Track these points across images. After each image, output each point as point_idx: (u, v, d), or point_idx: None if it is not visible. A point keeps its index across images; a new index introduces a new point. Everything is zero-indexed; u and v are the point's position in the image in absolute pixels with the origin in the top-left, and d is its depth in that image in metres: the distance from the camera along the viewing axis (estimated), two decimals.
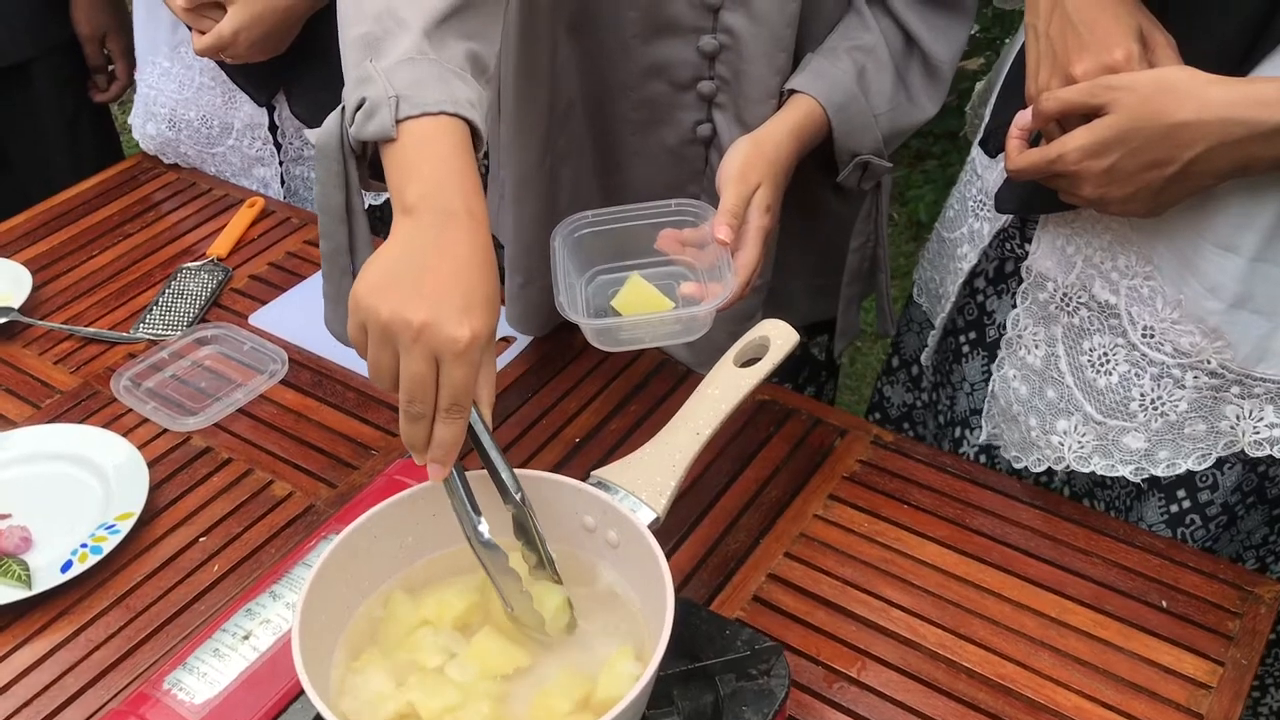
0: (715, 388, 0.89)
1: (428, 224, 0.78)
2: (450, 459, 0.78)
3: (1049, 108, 0.94)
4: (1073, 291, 1.06)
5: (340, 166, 0.85)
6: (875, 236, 1.25)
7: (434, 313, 0.74)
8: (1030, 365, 1.12)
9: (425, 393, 0.76)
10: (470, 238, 0.78)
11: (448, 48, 0.84)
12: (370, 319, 0.76)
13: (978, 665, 0.94)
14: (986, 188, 1.16)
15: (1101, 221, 1.02)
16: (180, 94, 1.56)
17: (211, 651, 0.85)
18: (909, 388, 1.38)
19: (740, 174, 1.02)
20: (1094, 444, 1.08)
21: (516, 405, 1.20)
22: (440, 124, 0.81)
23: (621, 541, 0.81)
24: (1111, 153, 0.90)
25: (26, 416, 1.21)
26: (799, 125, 1.07)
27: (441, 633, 0.79)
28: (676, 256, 1.05)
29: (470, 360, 0.75)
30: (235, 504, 1.11)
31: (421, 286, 0.75)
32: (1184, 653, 0.94)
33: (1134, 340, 1.03)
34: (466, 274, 0.77)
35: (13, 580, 1.01)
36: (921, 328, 1.34)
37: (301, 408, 1.21)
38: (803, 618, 0.98)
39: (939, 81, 1.15)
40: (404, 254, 0.78)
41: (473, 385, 0.77)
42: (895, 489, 1.09)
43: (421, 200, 0.79)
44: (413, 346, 0.74)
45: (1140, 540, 1.04)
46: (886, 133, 1.12)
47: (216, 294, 1.37)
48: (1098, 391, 1.07)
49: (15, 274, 1.37)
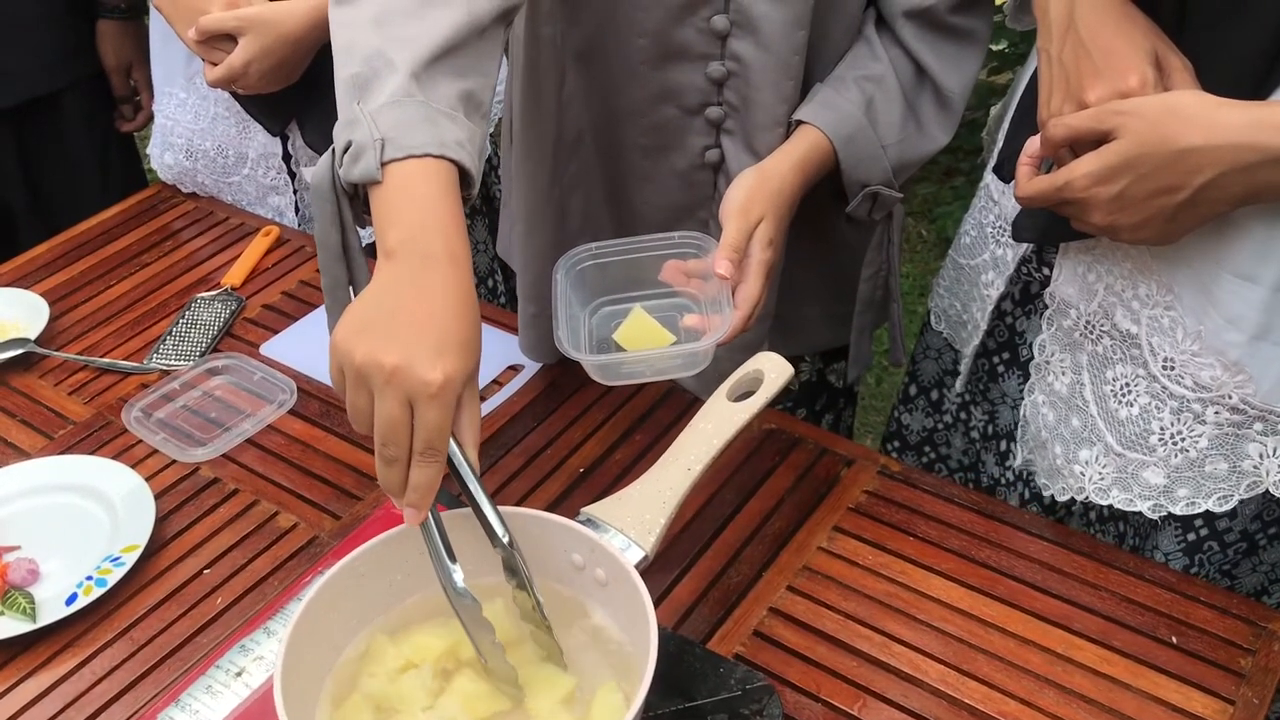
0: (708, 422, 0.88)
1: (406, 268, 0.78)
2: (425, 503, 0.78)
3: (1057, 134, 0.92)
4: (1095, 319, 1.05)
5: (334, 206, 0.86)
6: (887, 265, 1.24)
7: (406, 355, 0.74)
8: (1057, 392, 1.10)
9: (399, 436, 0.75)
10: (449, 281, 0.78)
11: (438, 88, 0.84)
12: (346, 362, 0.76)
13: (980, 703, 0.92)
14: (1005, 214, 1.14)
15: (1122, 249, 1.01)
16: (196, 124, 1.57)
17: (204, 688, 0.85)
18: (929, 413, 1.37)
19: (743, 208, 1.02)
20: (1114, 476, 1.06)
21: (522, 435, 1.20)
22: (425, 166, 0.81)
23: (609, 580, 0.80)
24: (1120, 179, 0.88)
25: (40, 447, 1.22)
26: (804, 158, 1.07)
27: (425, 675, 0.78)
28: (680, 288, 1.06)
29: (444, 403, 0.75)
30: (241, 535, 1.11)
31: (396, 330, 0.76)
32: (1193, 690, 0.92)
33: (1154, 372, 1.01)
34: (442, 317, 0.77)
35: (18, 613, 1.02)
36: (940, 354, 1.32)
37: (309, 438, 1.22)
38: (803, 653, 0.97)
39: (950, 112, 1.14)
40: (381, 297, 0.78)
41: (447, 428, 0.76)
42: (901, 520, 1.08)
43: (401, 245, 0.79)
44: (385, 389, 0.74)
45: (1150, 574, 1.01)
46: (895, 164, 1.11)
47: (229, 324, 1.38)
48: (1119, 422, 1.05)
49: (33, 305, 1.39)
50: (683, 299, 1.06)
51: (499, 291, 1.78)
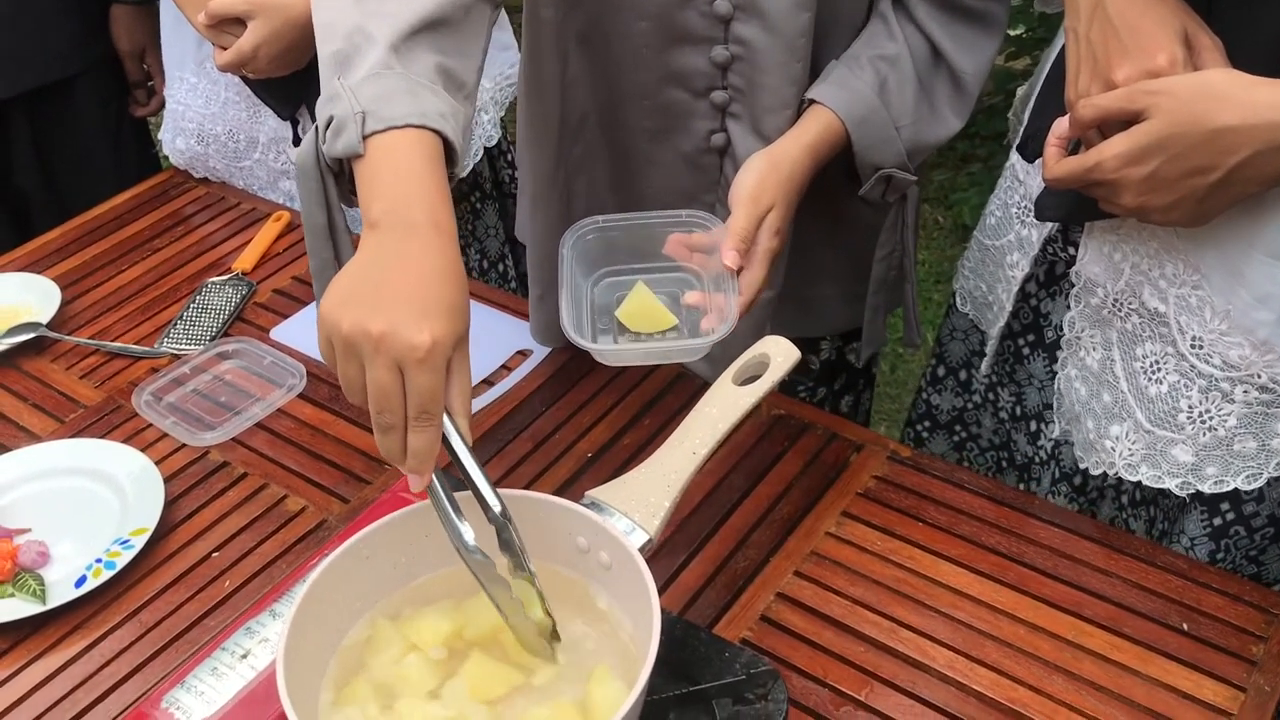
0: (713, 406, 0.88)
1: (390, 237, 0.79)
2: (427, 468, 0.78)
3: (1086, 115, 0.91)
4: (1123, 298, 1.04)
5: (319, 185, 0.86)
6: (901, 247, 1.23)
7: (392, 321, 0.74)
8: (1089, 367, 1.10)
9: (392, 402, 0.76)
10: (432, 248, 0.79)
11: (417, 60, 0.84)
12: (334, 334, 0.76)
13: (988, 689, 0.92)
14: (1030, 194, 1.13)
15: (1148, 228, 1.00)
16: (207, 109, 1.58)
17: (210, 670, 0.85)
18: (958, 393, 1.36)
19: (753, 195, 1.01)
20: (1143, 453, 1.05)
21: (530, 419, 1.20)
22: (406, 136, 0.81)
23: (614, 563, 0.80)
24: (1151, 160, 0.87)
25: (51, 431, 1.23)
26: (816, 141, 1.06)
27: (429, 658, 0.78)
28: (684, 262, 1.05)
29: (433, 366, 0.75)
30: (249, 519, 1.11)
31: (381, 298, 0.76)
32: (1204, 678, 0.91)
33: (1183, 350, 1.00)
34: (427, 283, 0.77)
35: (28, 595, 1.02)
36: (966, 335, 1.32)
37: (318, 422, 1.22)
38: (810, 638, 0.96)
39: (965, 95, 1.12)
40: (366, 268, 0.78)
41: (440, 392, 0.76)
42: (910, 506, 1.07)
43: (385, 215, 0.79)
44: (375, 357, 0.75)
45: (1161, 560, 1.01)
46: (909, 146, 1.10)
47: (240, 308, 1.38)
48: (1149, 400, 1.04)
49: (45, 289, 1.40)
50: (685, 274, 1.05)
51: (509, 276, 1.78)
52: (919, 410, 1.42)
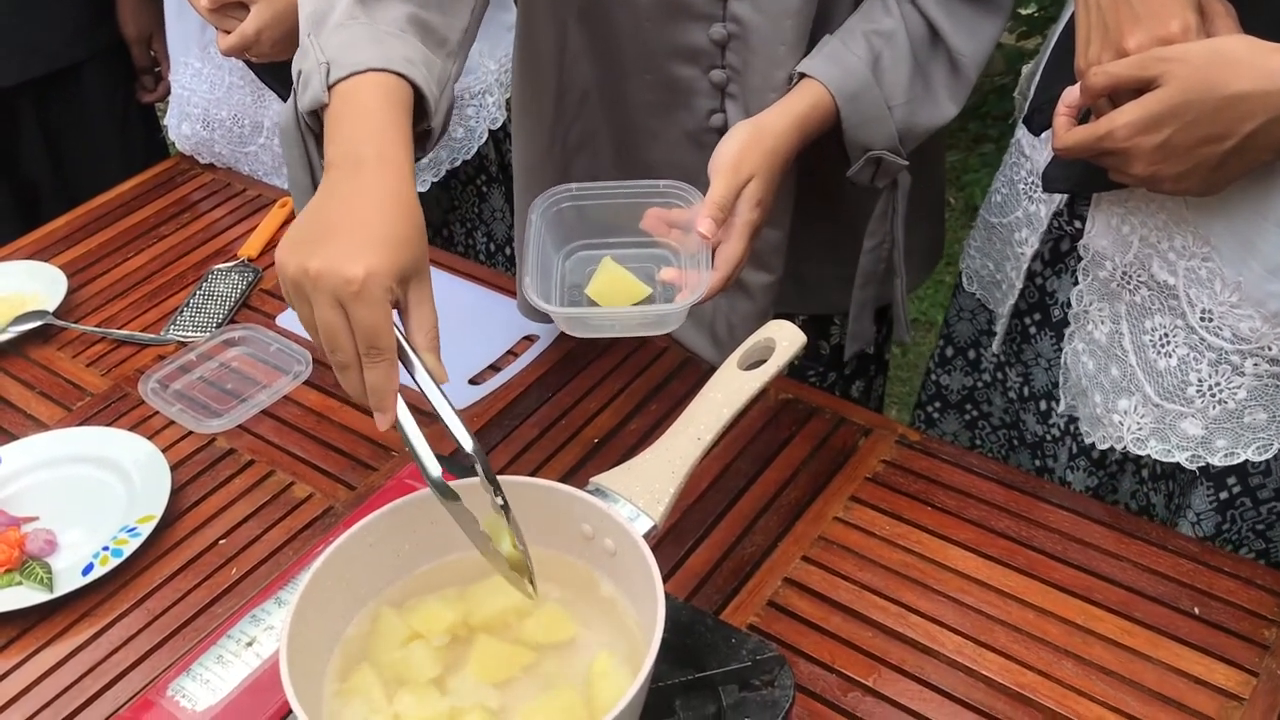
0: (718, 391, 0.87)
1: (339, 176, 0.79)
2: (386, 403, 0.78)
3: (1097, 82, 0.90)
4: (1131, 270, 1.03)
5: (300, 146, 0.87)
6: (891, 238, 1.19)
7: (327, 258, 0.75)
8: (1097, 341, 1.09)
9: (340, 339, 0.76)
10: (375, 182, 0.79)
11: (385, 11, 0.84)
12: (284, 276, 0.77)
13: (997, 674, 0.91)
14: (1037, 169, 1.12)
15: (1156, 200, 0.98)
16: (212, 94, 1.57)
17: (215, 658, 0.85)
18: (967, 372, 1.35)
19: (734, 164, 0.97)
20: (1152, 426, 1.05)
21: (536, 405, 1.19)
22: (369, 81, 0.81)
23: (618, 549, 0.79)
24: (1164, 128, 0.86)
25: (58, 419, 1.23)
26: (804, 115, 1.03)
27: (434, 646, 0.78)
28: (661, 238, 1.01)
29: (370, 298, 0.75)
30: (256, 506, 1.11)
31: (324, 237, 0.76)
32: (1215, 662, 0.91)
33: (1192, 323, 0.99)
34: (367, 216, 0.77)
35: (36, 583, 1.02)
36: (974, 314, 1.31)
37: (324, 408, 1.21)
38: (818, 624, 0.96)
39: (962, 79, 1.09)
40: (316, 211, 0.79)
41: (383, 326, 0.76)
42: (919, 490, 1.07)
43: (337, 155, 0.80)
44: (316, 295, 0.75)
45: (1172, 544, 1.00)
46: (902, 128, 1.06)
47: (246, 295, 1.38)
48: (1158, 373, 1.03)
49: (52, 277, 1.40)
50: (662, 250, 1.01)
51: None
52: (929, 391, 1.41)
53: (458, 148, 1.62)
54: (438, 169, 1.65)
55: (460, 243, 1.77)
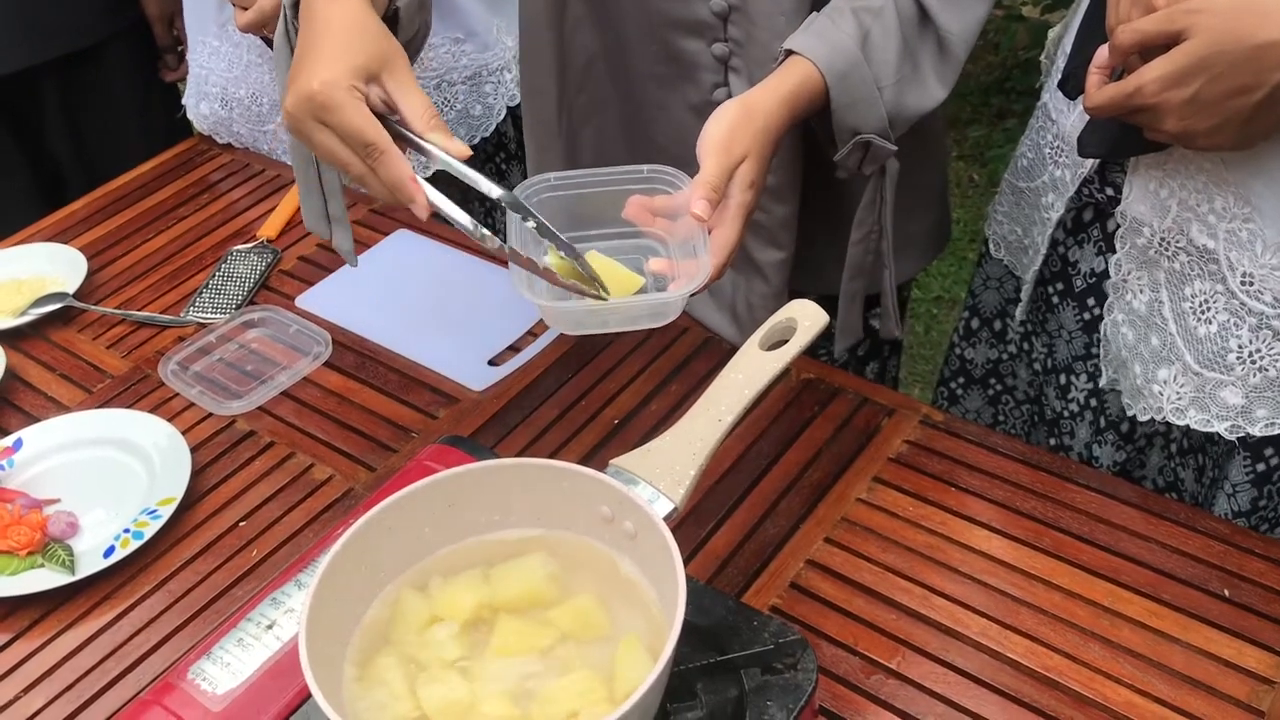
0: (739, 372, 0.86)
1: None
2: (408, 192, 0.85)
3: (1125, 40, 0.89)
4: (1170, 236, 1.01)
5: (286, 50, 0.93)
6: (879, 228, 1.16)
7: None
8: (1136, 310, 1.07)
9: (338, 154, 0.84)
10: (326, 12, 0.86)
11: None
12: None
13: (1023, 657, 0.90)
14: (1063, 133, 1.11)
15: (1195, 162, 0.97)
16: (230, 72, 1.56)
17: (235, 641, 0.84)
18: (992, 344, 1.34)
19: (725, 144, 0.94)
20: (1191, 396, 1.03)
21: (555, 387, 1.18)
22: None
23: (638, 532, 0.78)
24: (1193, 81, 0.85)
25: (78, 401, 1.23)
26: (794, 94, 0.99)
27: (455, 629, 0.77)
28: (646, 228, 0.97)
29: (336, 103, 0.82)
30: (276, 488, 1.11)
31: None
32: (1246, 645, 0.89)
33: (1233, 288, 0.98)
34: (316, 42, 0.85)
35: (58, 565, 1.03)
36: (1001, 282, 1.30)
37: (344, 390, 1.21)
38: (841, 606, 0.95)
39: (950, 60, 1.05)
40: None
41: (359, 124, 0.83)
42: (943, 471, 1.05)
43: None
44: (301, 126, 0.84)
45: (1202, 525, 0.98)
46: (891, 109, 1.02)
47: (265, 276, 1.37)
48: (1197, 340, 1.02)
49: (71, 259, 1.40)
50: (647, 240, 0.97)
51: None
52: (952, 366, 1.40)
53: (476, 125, 1.61)
54: None
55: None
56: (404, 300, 1.31)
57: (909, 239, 1.22)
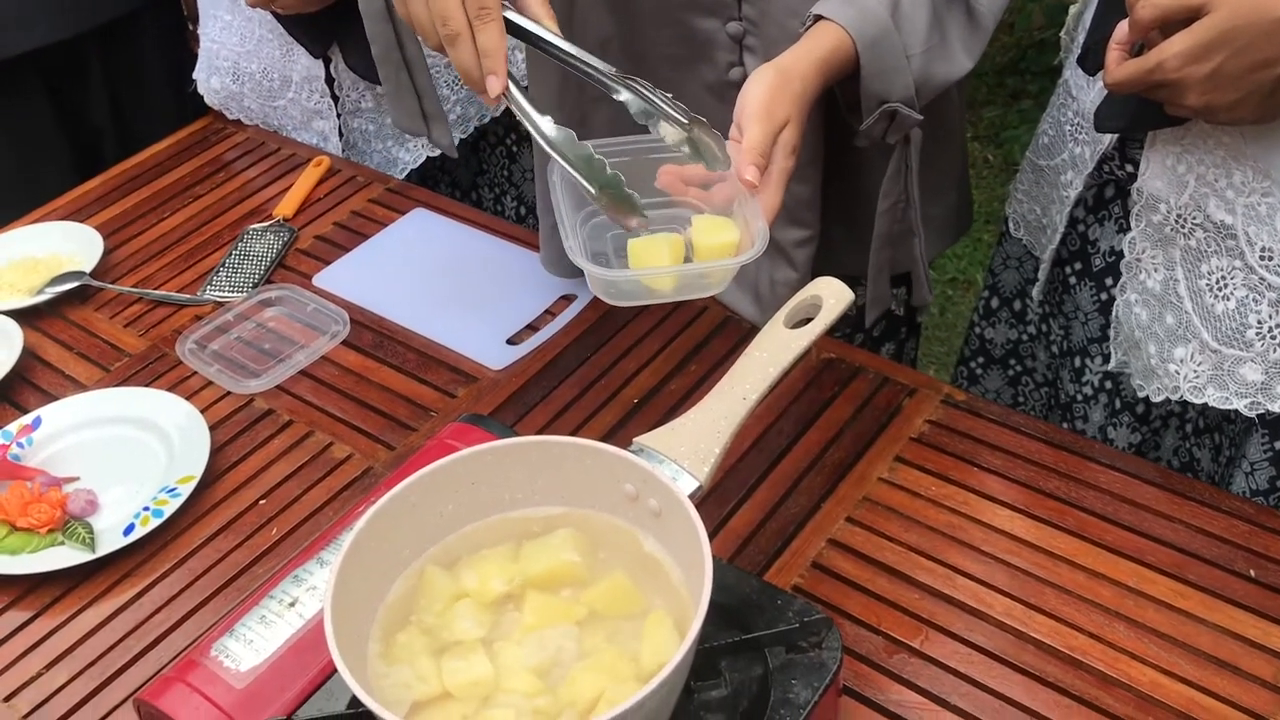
0: (763, 350, 0.85)
1: None
2: (500, 65, 0.87)
3: (1146, 15, 0.88)
4: (1186, 212, 1.00)
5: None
6: (906, 196, 1.14)
7: None
8: (1150, 290, 1.06)
9: (449, 9, 0.85)
10: None
11: None
12: None
13: (1047, 636, 0.90)
14: (1083, 110, 1.10)
15: (1213, 136, 0.96)
16: (241, 47, 1.55)
17: (258, 619, 0.84)
18: (1012, 324, 1.33)
19: (766, 109, 0.92)
20: (1209, 374, 1.03)
21: (575, 365, 1.18)
22: None
23: (663, 510, 0.78)
24: (1214, 55, 0.85)
25: (96, 379, 1.23)
26: (826, 59, 0.96)
27: (479, 606, 0.77)
28: (679, 197, 0.95)
29: None
30: (295, 466, 1.11)
31: None
32: (1272, 625, 0.89)
33: (1251, 263, 0.97)
34: None
35: (78, 543, 1.03)
36: (1020, 262, 1.29)
37: (362, 369, 1.21)
38: (864, 585, 0.95)
39: (979, 31, 1.04)
40: None
41: None
42: (965, 450, 1.05)
43: None
44: None
45: (1227, 505, 0.97)
46: (919, 78, 1.00)
47: (282, 255, 1.37)
48: (1215, 317, 1.01)
49: (88, 238, 1.39)
50: (681, 209, 0.95)
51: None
52: (971, 346, 1.39)
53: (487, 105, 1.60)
54: (466, 125, 1.63)
55: (489, 209, 1.76)
56: (422, 279, 1.31)
57: (929, 221, 1.21)
